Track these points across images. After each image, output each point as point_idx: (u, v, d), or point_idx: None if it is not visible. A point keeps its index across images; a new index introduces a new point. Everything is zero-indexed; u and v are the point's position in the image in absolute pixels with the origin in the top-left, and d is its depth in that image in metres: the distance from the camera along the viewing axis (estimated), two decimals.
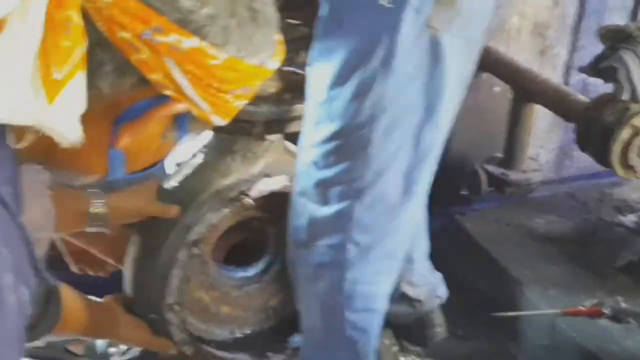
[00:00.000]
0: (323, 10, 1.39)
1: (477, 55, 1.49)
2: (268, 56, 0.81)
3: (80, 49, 0.69)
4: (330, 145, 1.42)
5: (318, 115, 1.43)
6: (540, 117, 2.55)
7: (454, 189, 2.73)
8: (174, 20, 0.72)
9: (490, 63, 2.23)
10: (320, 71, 1.41)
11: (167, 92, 0.76)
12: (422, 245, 1.82)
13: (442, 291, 1.90)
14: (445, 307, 1.95)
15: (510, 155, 2.54)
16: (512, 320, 2.04)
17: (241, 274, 1.78)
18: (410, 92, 1.39)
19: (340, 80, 1.37)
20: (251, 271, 1.78)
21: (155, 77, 0.75)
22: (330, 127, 1.41)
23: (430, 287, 1.86)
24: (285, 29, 0.85)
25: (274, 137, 1.65)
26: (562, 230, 2.33)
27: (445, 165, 3.09)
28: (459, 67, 1.42)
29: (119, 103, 0.78)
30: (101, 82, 0.74)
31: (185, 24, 0.73)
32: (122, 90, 0.76)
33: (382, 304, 1.58)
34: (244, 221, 1.69)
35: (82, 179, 0.91)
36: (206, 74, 0.75)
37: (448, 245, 2.14)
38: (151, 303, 1.59)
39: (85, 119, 0.72)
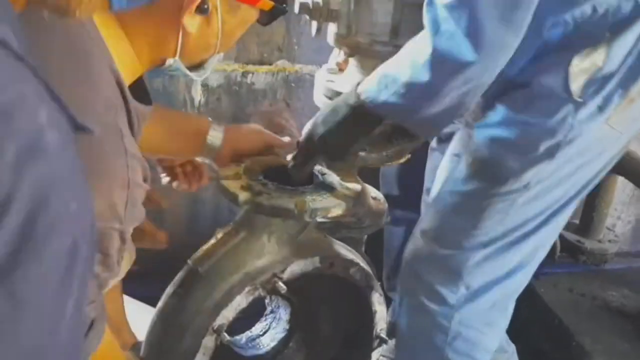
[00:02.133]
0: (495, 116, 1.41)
1: None
2: None
3: None
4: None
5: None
6: (620, 188, 2.54)
7: None
8: None
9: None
10: None
11: None
12: None
13: None
14: None
15: (587, 223, 2.53)
16: None
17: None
18: (566, 170, 1.40)
19: None
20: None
21: None
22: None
23: (506, 356, 1.86)
24: None
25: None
26: (636, 305, 2.30)
27: None
28: (611, 161, 1.45)
29: None
30: None
31: None
32: None
33: (484, 357, 1.57)
34: None
35: None
36: None
37: (520, 308, 2.13)
38: None
39: None
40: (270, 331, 1.81)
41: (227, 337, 1.46)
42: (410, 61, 1.27)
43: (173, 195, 2.63)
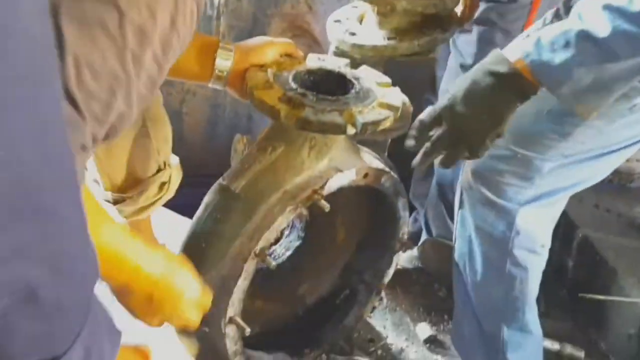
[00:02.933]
0: None
1: None
2: None
3: None
4: None
5: None
6: None
7: None
8: None
9: None
10: None
11: None
12: None
13: None
14: None
15: None
16: (599, 307, 2.00)
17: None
18: None
19: None
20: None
21: None
22: None
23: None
24: None
25: None
26: None
27: None
28: None
29: None
30: None
31: None
32: None
33: (542, 252, 1.58)
34: None
35: None
36: None
37: None
38: (206, 317, 1.31)
39: None
40: (285, 240, 1.75)
41: (272, 261, 1.39)
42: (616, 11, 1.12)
43: (191, 100, 2.59)
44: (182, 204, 1.80)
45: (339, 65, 1.47)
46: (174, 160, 1.71)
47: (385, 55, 1.53)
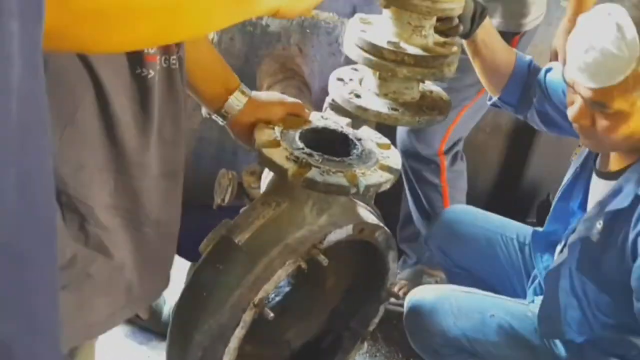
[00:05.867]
0: None
1: None
2: None
3: None
4: None
5: None
6: None
7: (521, 215, 2.71)
8: None
9: None
10: None
11: None
12: None
13: None
14: None
15: None
16: None
17: None
18: None
19: None
20: None
21: None
22: None
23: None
24: None
25: None
26: None
27: (517, 190, 3.13)
28: None
29: None
30: None
31: None
32: None
33: None
34: None
35: None
36: None
37: None
38: None
39: None
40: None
41: (270, 312, 1.43)
42: None
43: None
44: None
45: (342, 125, 1.54)
46: None
47: (385, 123, 1.60)
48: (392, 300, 2.24)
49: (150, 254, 1.20)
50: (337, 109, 1.71)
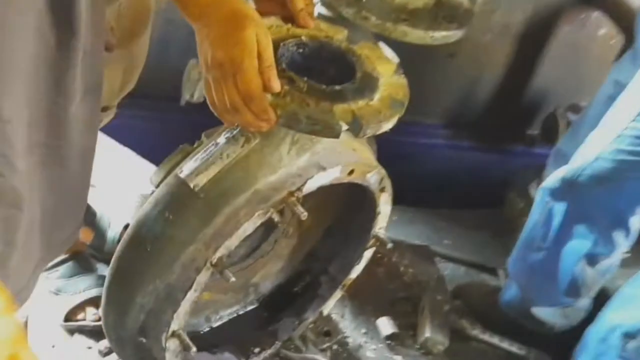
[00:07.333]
0: None
1: None
2: None
3: None
4: None
5: None
6: None
7: (521, 125, 2.67)
8: None
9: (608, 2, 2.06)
10: None
11: None
12: None
13: None
14: None
15: None
16: None
17: None
18: None
19: None
20: None
21: None
22: None
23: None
24: None
25: None
26: None
27: (521, 98, 2.92)
28: None
29: None
30: None
31: None
32: None
33: None
34: None
35: None
36: None
37: None
38: (145, 327, 1.18)
39: None
40: None
41: (231, 275, 1.14)
42: None
43: None
44: (116, 124, 1.60)
45: (338, 38, 1.19)
46: None
47: (389, 37, 1.26)
48: None
49: (66, 192, 1.03)
50: (329, 5, 1.38)
